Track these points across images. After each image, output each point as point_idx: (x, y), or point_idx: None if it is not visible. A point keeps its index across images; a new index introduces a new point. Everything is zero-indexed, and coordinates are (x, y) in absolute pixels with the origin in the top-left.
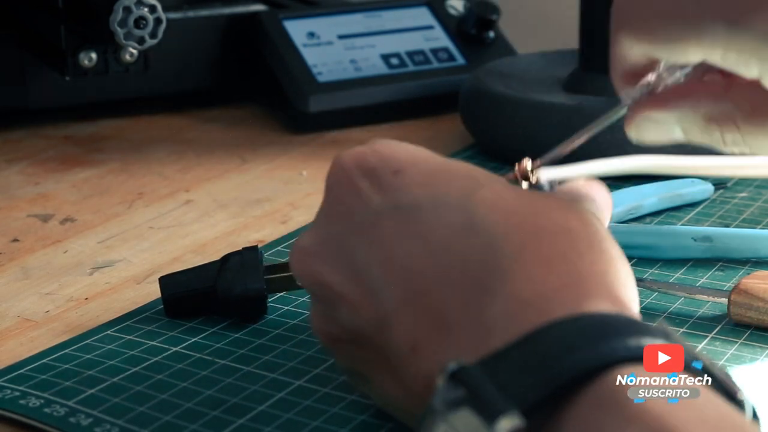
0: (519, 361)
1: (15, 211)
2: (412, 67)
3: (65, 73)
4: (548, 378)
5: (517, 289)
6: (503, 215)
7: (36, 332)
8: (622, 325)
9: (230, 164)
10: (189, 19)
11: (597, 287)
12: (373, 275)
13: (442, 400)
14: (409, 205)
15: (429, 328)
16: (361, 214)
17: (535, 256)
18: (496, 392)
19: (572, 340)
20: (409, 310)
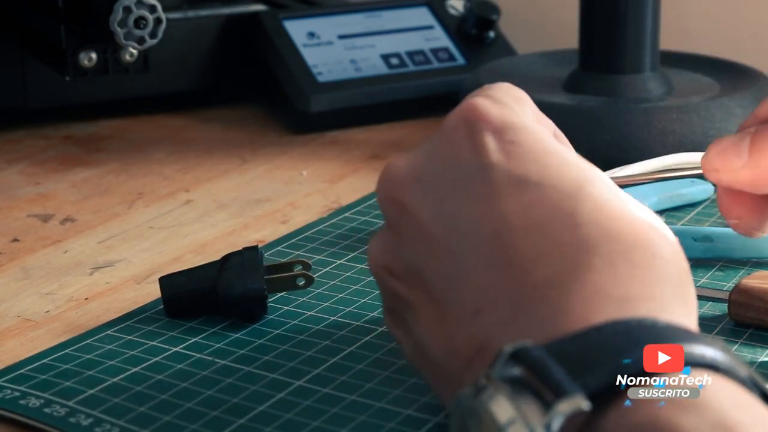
0: (586, 349)
1: (15, 211)
2: (412, 67)
3: (65, 73)
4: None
5: (603, 285)
6: (606, 219)
7: (36, 332)
8: (687, 333)
9: (230, 164)
10: (189, 19)
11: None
12: (461, 227)
13: (498, 373)
14: (519, 176)
15: (500, 298)
16: (471, 166)
17: (625, 265)
18: (561, 372)
19: (638, 337)
20: (486, 274)
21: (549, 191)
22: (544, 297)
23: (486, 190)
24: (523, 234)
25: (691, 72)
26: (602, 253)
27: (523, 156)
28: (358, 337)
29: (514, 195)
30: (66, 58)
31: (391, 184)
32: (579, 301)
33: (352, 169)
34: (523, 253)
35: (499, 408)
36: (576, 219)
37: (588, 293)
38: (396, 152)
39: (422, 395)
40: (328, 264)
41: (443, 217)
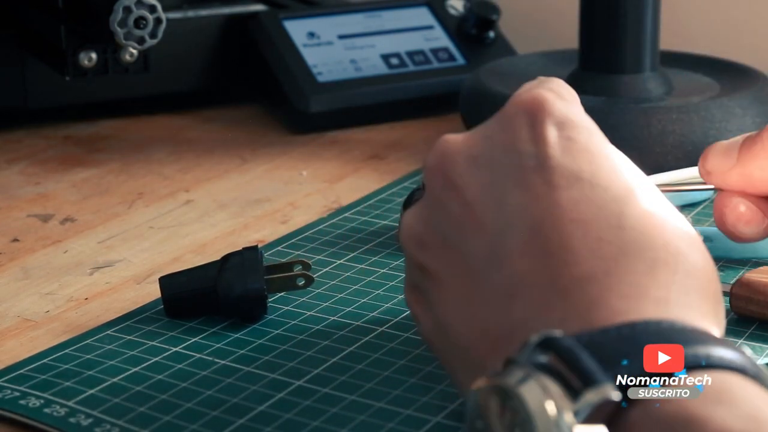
0: (614, 342)
1: (15, 211)
2: (412, 67)
3: (65, 73)
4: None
5: (643, 286)
6: (651, 226)
7: (36, 332)
8: (721, 341)
9: (230, 164)
10: (189, 19)
11: (703, 319)
12: (508, 211)
13: (527, 359)
14: (573, 171)
15: (536, 286)
16: (528, 155)
17: (667, 273)
18: (592, 362)
19: (669, 337)
20: (526, 260)
21: (599, 191)
22: (582, 290)
23: (539, 179)
24: (568, 227)
25: (691, 72)
26: (645, 258)
27: (580, 153)
28: (358, 337)
29: (565, 189)
30: (66, 58)
31: (443, 157)
32: (617, 297)
33: (352, 169)
34: (566, 246)
35: (530, 393)
36: (622, 221)
37: (627, 291)
38: (396, 152)
39: (422, 395)
40: (328, 264)
41: (492, 198)
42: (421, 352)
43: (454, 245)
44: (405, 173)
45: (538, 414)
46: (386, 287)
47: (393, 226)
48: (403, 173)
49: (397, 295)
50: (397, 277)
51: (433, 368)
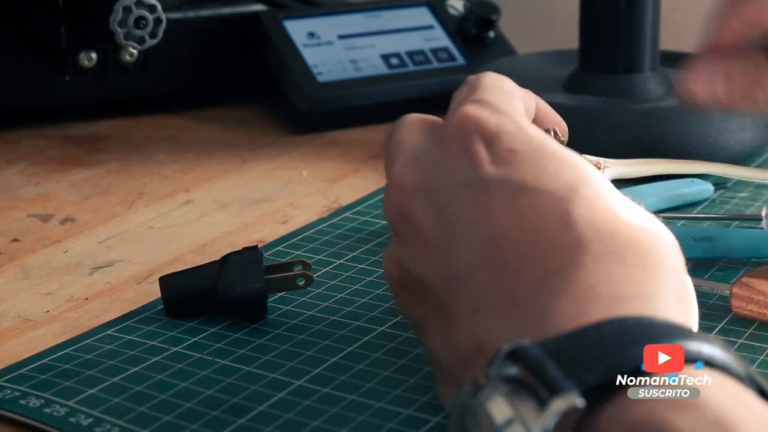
0: (582, 347)
1: (15, 211)
2: (412, 67)
3: (65, 73)
4: (612, 365)
5: (593, 284)
6: (600, 219)
7: (36, 332)
8: (684, 331)
9: (230, 164)
10: (189, 19)
11: (666, 307)
12: (459, 232)
13: (496, 372)
14: (515, 182)
15: (496, 298)
16: (470, 174)
17: (617, 264)
18: (557, 370)
19: (637, 335)
20: (482, 276)
21: (544, 196)
22: (535, 297)
23: (482, 197)
24: (516, 236)
25: None
26: (593, 251)
27: (520, 163)
28: (358, 337)
29: (508, 201)
30: (66, 58)
31: (397, 196)
32: (567, 301)
33: (352, 169)
34: (516, 255)
35: (496, 407)
36: (568, 220)
37: (577, 292)
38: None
39: (422, 395)
40: (328, 264)
41: (444, 223)
42: (421, 352)
43: (425, 280)
44: None
45: (506, 429)
46: (386, 287)
47: None
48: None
49: None
50: None
51: None
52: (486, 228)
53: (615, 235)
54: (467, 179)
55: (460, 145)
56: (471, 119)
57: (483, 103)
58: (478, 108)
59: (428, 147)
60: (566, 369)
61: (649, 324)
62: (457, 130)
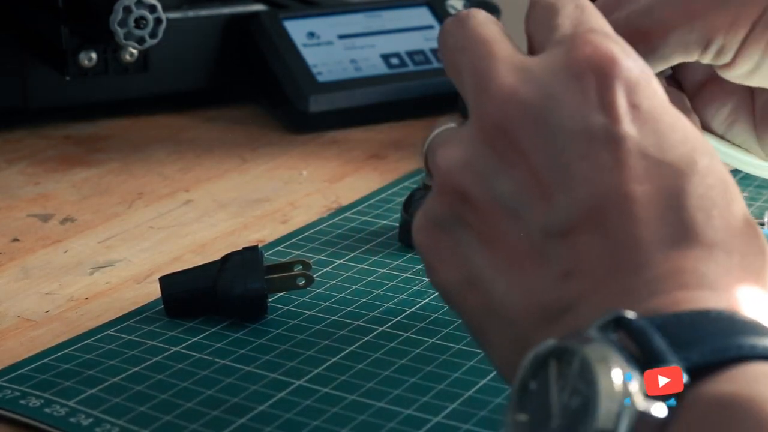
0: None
1: (15, 211)
2: (412, 67)
3: (65, 73)
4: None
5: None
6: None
7: (36, 332)
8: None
9: (230, 164)
10: (189, 19)
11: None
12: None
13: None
14: (637, 146)
15: (597, 264)
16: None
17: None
18: (662, 343)
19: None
20: (587, 238)
21: (663, 168)
22: (642, 276)
23: (606, 153)
24: (631, 207)
25: None
26: (704, 242)
27: (645, 123)
28: (358, 337)
29: (631, 165)
30: (66, 58)
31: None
32: (677, 286)
33: (352, 169)
34: (627, 228)
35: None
36: (682, 201)
37: (686, 279)
38: (396, 152)
39: (422, 395)
40: (328, 264)
41: (557, 167)
42: (421, 352)
43: (509, 209)
44: (405, 173)
45: (604, 380)
46: (386, 287)
47: (393, 226)
48: (403, 173)
49: (397, 295)
50: (397, 277)
51: (433, 368)
52: (602, 188)
53: (726, 227)
54: (594, 127)
55: (593, 85)
56: (611, 58)
57: (612, 39)
58: (612, 44)
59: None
60: (672, 344)
61: (747, 320)
62: (592, 67)
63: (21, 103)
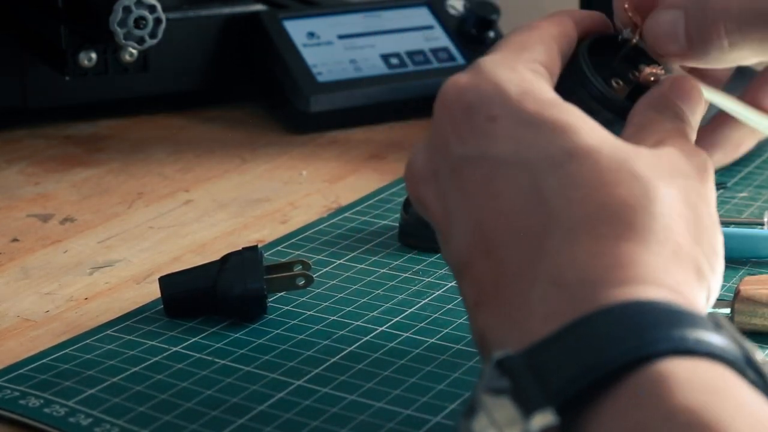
0: (559, 352)
1: (15, 211)
2: (412, 67)
3: (65, 73)
4: (587, 369)
5: (561, 268)
6: (572, 186)
7: (36, 332)
8: (668, 314)
9: (230, 164)
10: (189, 19)
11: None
12: (454, 217)
13: (486, 386)
14: (494, 157)
15: (488, 290)
16: (456, 152)
17: (587, 239)
18: (535, 385)
19: (613, 330)
20: (478, 264)
21: (520, 171)
22: (517, 290)
23: (467, 178)
24: (495, 221)
25: None
26: (563, 228)
27: (498, 135)
28: (358, 337)
29: (489, 179)
30: (66, 58)
31: (411, 183)
32: (542, 296)
33: (352, 169)
34: (497, 242)
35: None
36: (541, 195)
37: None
38: (396, 152)
39: (422, 395)
40: (328, 264)
41: (444, 208)
42: (421, 352)
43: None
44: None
45: None
46: (386, 287)
47: (393, 226)
48: (403, 173)
49: (397, 295)
50: (397, 277)
51: (433, 368)
52: (472, 213)
53: (586, 201)
54: (455, 158)
55: (446, 120)
56: (451, 89)
57: (471, 68)
58: (460, 74)
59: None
60: (542, 380)
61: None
62: (441, 104)
63: (21, 103)
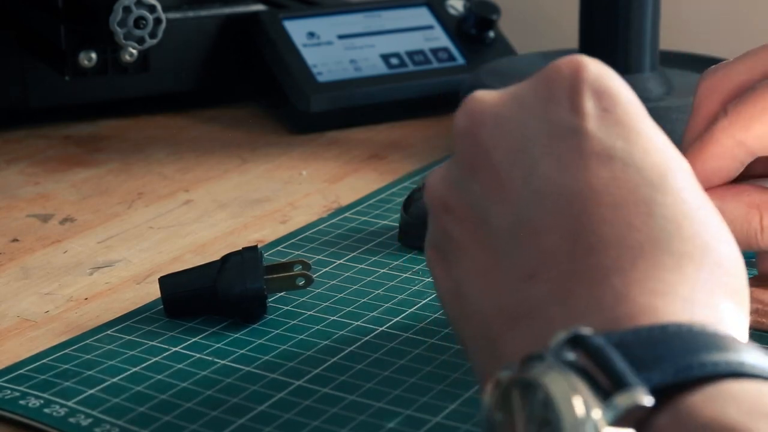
0: (650, 345)
1: (15, 211)
2: (412, 67)
3: (65, 73)
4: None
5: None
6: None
7: (36, 332)
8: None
9: (230, 164)
10: (189, 19)
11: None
12: (537, 184)
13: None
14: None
15: (560, 269)
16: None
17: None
18: (623, 364)
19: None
20: (549, 239)
21: (631, 172)
22: (607, 281)
23: (572, 152)
24: (598, 210)
25: (691, 72)
26: (673, 251)
27: (614, 127)
28: (358, 337)
29: (598, 167)
30: (66, 58)
31: (472, 117)
32: (644, 293)
33: (352, 169)
34: (594, 230)
35: (556, 387)
36: (652, 208)
37: (654, 287)
38: (396, 152)
39: (422, 395)
40: (328, 264)
41: (520, 165)
42: (421, 352)
43: (479, 212)
44: (405, 173)
45: (566, 410)
46: (386, 287)
47: (393, 226)
48: (403, 173)
49: (397, 295)
50: (397, 277)
51: (433, 368)
52: (567, 188)
53: (694, 237)
54: (561, 129)
55: (563, 88)
56: (582, 65)
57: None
58: (591, 60)
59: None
60: (633, 363)
61: (714, 334)
62: (563, 73)
63: (21, 103)
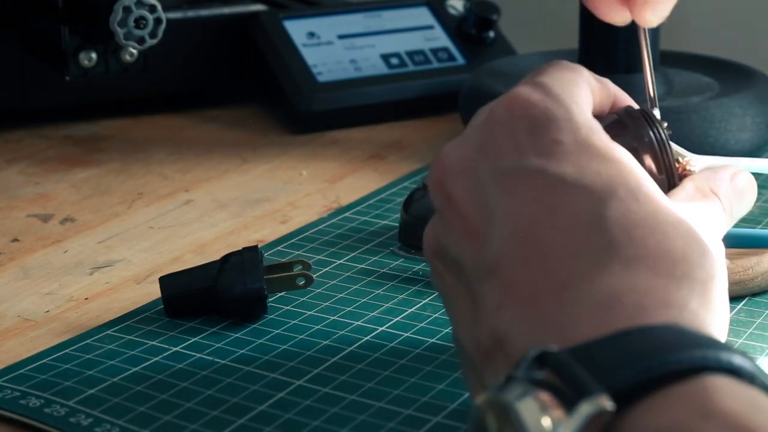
0: (611, 353)
1: (15, 211)
2: (412, 67)
3: (65, 73)
4: (641, 370)
5: (619, 292)
6: (634, 224)
7: (36, 332)
8: (712, 341)
9: (230, 164)
10: (189, 19)
11: (692, 318)
12: (494, 220)
13: (524, 374)
14: (555, 175)
15: (521, 296)
16: (511, 162)
17: (646, 272)
18: (586, 374)
19: (666, 342)
20: (511, 270)
21: (581, 194)
22: (560, 299)
23: (520, 187)
24: (549, 234)
25: (691, 72)
26: (623, 257)
27: (562, 155)
28: (358, 337)
29: (545, 195)
30: (66, 58)
31: (440, 174)
32: (591, 308)
33: (352, 169)
34: (546, 253)
35: (524, 408)
36: (601, 222)
37: (602, 300)
38: (396, 152)
39: (422, 395)
40: (328, 264)
41: (482, 208)
42: (421, 352)
43: (458, 260)
44: (405, 173)
45: (534, 428)
46: (386, 287)
47: (393, 226)
48: (403, 173)
49: (397, 295)
50: (397, 277)
51: (433, 368)
52: (520, 220)
53: (646, 241)
54: (507, 166)
55: (506, 129)
56: (520, 101)
57: (537, 86)
58: (530, 90)
59: (478, 126)
60: (594, 373)
61: (678, 332)
62: (505, 112)
63: (21, 103)
